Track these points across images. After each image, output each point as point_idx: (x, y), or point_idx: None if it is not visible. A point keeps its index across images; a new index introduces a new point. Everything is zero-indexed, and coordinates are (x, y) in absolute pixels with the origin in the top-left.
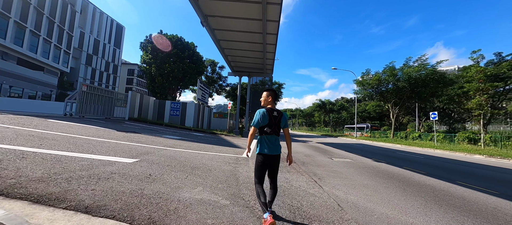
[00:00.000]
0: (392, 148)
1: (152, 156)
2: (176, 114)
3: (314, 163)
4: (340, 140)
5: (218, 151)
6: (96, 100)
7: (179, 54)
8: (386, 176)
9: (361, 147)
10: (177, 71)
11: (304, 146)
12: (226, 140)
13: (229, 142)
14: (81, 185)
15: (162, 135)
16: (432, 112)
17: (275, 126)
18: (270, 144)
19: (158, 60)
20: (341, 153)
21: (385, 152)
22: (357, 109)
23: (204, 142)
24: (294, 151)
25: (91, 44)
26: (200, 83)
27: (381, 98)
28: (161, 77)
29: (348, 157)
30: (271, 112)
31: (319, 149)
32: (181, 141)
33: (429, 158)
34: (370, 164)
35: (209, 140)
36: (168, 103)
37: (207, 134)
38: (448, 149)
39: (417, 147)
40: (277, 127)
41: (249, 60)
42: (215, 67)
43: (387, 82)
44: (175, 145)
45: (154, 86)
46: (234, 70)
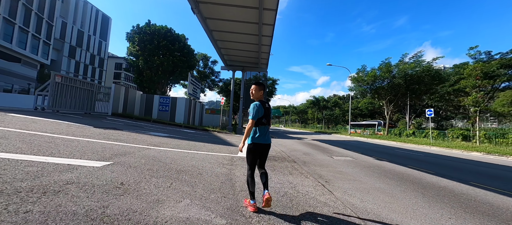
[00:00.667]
0: (389, 145)
1: (130, 158)
2: (165, 109)
3: (316, 162)
4: (334, 137)
5: (210, 149)
6: (74, 93)
7: (169, 47)
8: (396, 177)
9: (357, 144)
10: (166, 64)
11: (300, 143)
12: (219, 137)
13: (223, 139)
14: (11, 205)
15: (148, 132)
16: (428, 109)
17: (268, 117)
18: (264, 134)
19: (146, 53)
20: (340, 151)
21: (383, 150)
22: (347, 106)
23: (194, 139)
24: (292, 149)
25: (75, 35)
26: (191, 77)
27: (376, 95)
28: (150, 71)
29: (348, 155)
30: (264, 104)
31: (317, 147)
32: (168, 138)
33: (429, 156)
34: (373, 163)
35: (201, 138)
36: (157, 98)
37: (198, 131)
38: (443, 146)
39: (413, 144)
40: (269, 118)
41: (243, 54)
42: (207, 62)
43: (383, 79)
44: (161, 144)
45: (142, 80)
46: (228, 64)
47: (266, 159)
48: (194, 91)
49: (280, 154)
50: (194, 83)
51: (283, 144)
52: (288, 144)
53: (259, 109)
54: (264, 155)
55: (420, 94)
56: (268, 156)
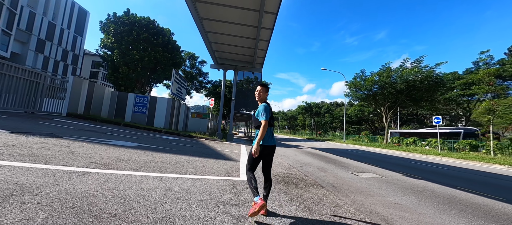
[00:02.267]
0: (395, 155)
1: (18, 208)
2: (141, 111)
3: (345, 184)
4: (330, 145)
5: (198, 169)
6: (9, 85)
7: (151, 40)
8: (472, 209)
9: (361, 153)
10: (147, 60)
11: (302, 153)
12: (208, 146)
13: (213, 149)
14: None
15: (108, 141)
16: (435, 117)
17: (273, 119)
18: (270, 135)
19: (122, 45)
20: (355, 164)
21: (394, 161)
22: (338, 113)
23: (175, 151)
24: (299, 161)
25: (45, 27)
26: (176, 75)
27: (374, 101)
28: (127, 67)
29: (370, 170)
30: (270, 106)
31: (325, 158)
32: (136, 151)
33: (458, 170)
34: (412, 184)
35: (184, 148)
36: (131, 97)
37: (182, 138)
38: (455, 157)
39: (419, 153)
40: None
41: (237, 50)
42: (194, 62)
43: (384, 84)
44: (119, 162)
45: (117, 77)
46: (218, 63)
47: (271, 163)
48: (178, 91)
49: (292, 171)
50: (179, 82)
51: (284, 154)
52: (289, 154)
53: (270, 109)
54: (270, 158)
55: (420, 100)
56: (285, 179)
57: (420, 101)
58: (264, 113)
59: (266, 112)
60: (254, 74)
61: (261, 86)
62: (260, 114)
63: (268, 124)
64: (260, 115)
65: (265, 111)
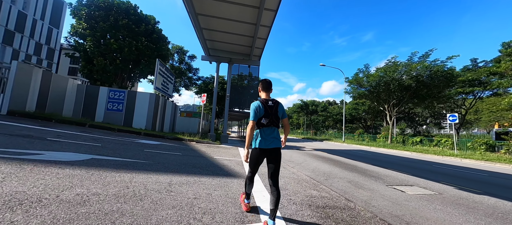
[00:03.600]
0: (411, 157)
1: None
2: (117, 108)
3: (406, 212)
4: (332, 146)
5: (183, 211)
6: None
7: (132, 28)
8: None
9: (374, 156)
10: (127, 50)
11: (312, 157)
12: (199, 152)
13: (206, 157)
14: None
15: (40, 153)
16: (451, 114)
17: (272, 116)
18: (267, 136)
19: (97, 32)
20: (384, 172)
21: (419, 165)
22: (333, 111)
23: (152, 165)
24: (318, 170)
25: (13, 17)
26: (161, 66)
27: (377, 98)
28: (103, 57)
29: (408, 181)
30: (265, 102)
31: (344, 165)
32: (80, 170)
33: (500, 177)
34: (485, 203)
35: (167, 159)
36: (104, 91)
37: (166, 142)
38: (475, 158)
39: (432, 155)
40: (275, 118)
41: (232, 39)
42: (183, 56)
43: (390, 80)
44: (17, 207)
45: (92, 70)
46: (210, 54)
47: (278, 168)
48: (164, 86)
49: (325, 193)
50: (165, 75)
51: (291, 159)
52: (297, 158)
53: (258, 108)
54: (273, 162)
55: (427, 97)
56: (325, 209)
57: (427, 98)
58: (251, 113)
59: (252, 111)
60: (250, 70)
61: (260, 83)
62: None
63: (260, 124)
64: None
65: (251, 110)
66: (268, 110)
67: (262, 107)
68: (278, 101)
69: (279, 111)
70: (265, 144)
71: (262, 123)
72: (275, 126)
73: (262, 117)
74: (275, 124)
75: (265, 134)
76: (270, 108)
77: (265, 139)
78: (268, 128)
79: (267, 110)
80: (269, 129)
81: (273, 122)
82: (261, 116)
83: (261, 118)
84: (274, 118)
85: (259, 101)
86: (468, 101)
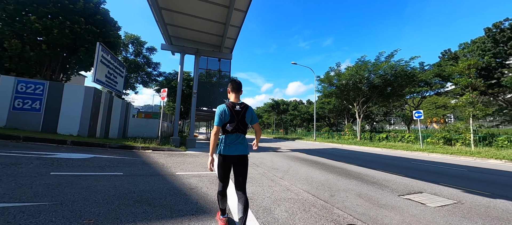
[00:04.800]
0: (390, 155)
1: None
2: (31, 107)
3: None
4: (306, 144)
5: None
6: None
7: (64, 3)
8: None
9: (357, 155)
10: (58, 33)
11: (296, 161)
12: (153, 167)
13: (164, 177)
14: None
15: None
16: (416, 111)
17: (239, 122)
18: (232, 143)
19: (9, 5)
20: (386, 177)
21: (401, 163)
22: (302, 109)
23: (43, 216)
24: (312, 180)
25: None
26: (103, 52)
27: (347, 96)
28: (20, 40)
29: (419, 188)
30: (232, 106)
31: (335, 170)
32: None
33: (477, 172)
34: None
35: (90, 188)
36: (8, 82)
37: (107, 152)
38: (441, 152)
39: (404, 150)
40: (242, 124)
41: (200, 25)
42: (141, 48)
43: (360, 79)
44: None
45: (1, 55)
46: (173, 43)
47: (244, 176)
48: (110, 79)
49: (338, 217)
50: (110, 65)
51: (274, 165)
52: (279, 163)
53: (223, 113)
54: (239, 170)
55: (392, 95)
56: None
57: (392, 96)
58: (215, 117)
59: (216, 116)
60: (220, 64)
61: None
62: None
63: (224, 130)
64: None
65: (216, 114)
66: (234, 115)
67: (228, 112)
68: (247, 105)
69: (247, 117)
70: (229, 151)
71: (226, 129)
72: (241, 133)
73: (227, 122)
74: (241, 130)
75: (229, 140)
76: (237, 113)
77: (229, 145)
78: (233, 134)
79: (233, 115)
80: (235, 135)
81: (239, 128)
82: (226, 121)
83: (226, 123)
84: (240, 124)
85: (225, 105)
86: (416, 99)
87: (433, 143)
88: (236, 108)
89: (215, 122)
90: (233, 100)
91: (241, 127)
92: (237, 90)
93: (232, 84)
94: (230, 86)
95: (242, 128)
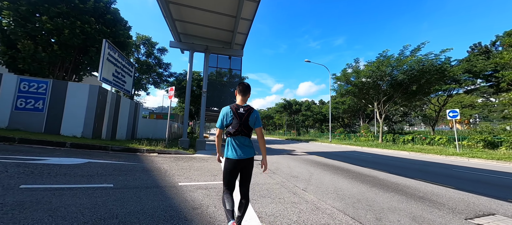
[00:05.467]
0: (419, 159)
1: None
2: (34, 107)
3: None
4: (321, 147)
5: None
6: None
7: (75, 3)
8: None
9: (382, 160)
10: (69, 33)
11: (315, 166)
12: (153, 175)
13: (163, 188)
14: None
15: None
16: (451, 110)
17: (242, 125)
18: (237, 146)
19: (22, 6)
20: (424, 187)
21: (441, 170)
22: (315, 109)
23: None
24: (343, 193)
25: None
26: (110, 50)
27: (366, 95)
28: (32, 40)
29: (477, 205)
30: (236, 108)
31: (365, 179)
32: None
33: None
34: None
35: (59, 209)
36: (10, 80)
37: (106, 157)
38: (488, 157)
39: (437, 155)
40: (245, 127)
41: (209, 19)
42: (152, 49)
43: (381, 76)
44: None
45: (16, 57)
46: (181, 40)
47: (248, 178)
48: (117, 78)
49: None
50: (118, 63)
51: (292, 173)
52: (296, 169)
53: (226, 115)
54: (244, 173)
55: (418, 93)
56: None
57: (417, 94)
58: (218, 119)
59: (219, 118)
60: (231, 62)
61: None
62: None
63: (228, 133)
64: None
65: (219, 117)
66: (237, 118)
67: (231, 114)
68: (251, 108)
69: (250, 120)
70: (235, 154)
71: (229, 131)
72: (245, 136)
73: (229, 125)
74: (245, 133)
75: (235, 144)
76: (240, 116)
77: (235, 149)
78: (237, 137)
79: (235, 117)
80: (239, 138)
81: (241, 131)
82: (229, 123)
83: (229, 125)
84: (243, 127)
85: (229, 107)
86: (441, 98)
87: (469, 146)
88: (239, 110)
89: (217, 124)
90: (239, 102)
91: (245, 129)
92: (244, 93)
93: (240, 86)
94: (237, 87)
95: (245, 131)
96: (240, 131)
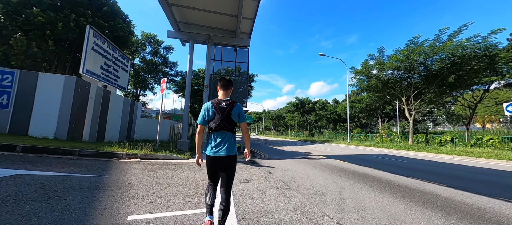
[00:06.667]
0: (473, 166)
1: None
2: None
3: None
4: (340, 149)
5: None
6: None
7: None
8: None
9: (424, 167)
10: (63, 27)
11: (341, 175)
12: (93, 202)
13: None
14: None
15: None
16: (509, 104)
17: (224, 119)
18: (217, 142)
19: None
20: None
21: None
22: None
23: None
24: None
25: None
26: (95, 37)
27: (392, 89)
28: (24, 34)
29: None
30: (217, 103)
31: (435, 201)
32: None
33: None
34: None
35: None
36: None
37: (64, 166)
38: None
39: (491, 159)
40: (227, 121)
41: (211, 3)
42: (158, 47)
43: (412, 65)
44: None
45: (8, 54)
46: (181, 29)
47: (230, 177)
48: (107, 71)
49: None
50: (107, 54)
51: (312, 187)
52: (317, 181)
53: (207, 110)
54: (225, 171)
55: (459, 85)
56: None
57: (458, 87)
58: (199, 115)
59: (200, 114)
60: (236, 54)
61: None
62: None
63: (209, 128)
64: None
65: (200, 112)
66: (219, 112)
67: (212, 109)
68: (234, 102)
69: (233, 114)
70: (212, 151)
71: (210, 126)
72: (227, 131)
73: (211, 120)
74: (227, 128)
75: (214, 140)
76: (222, 110)
77: (215, 145)
78: (218, 133)
79: (217, 112)
80: (220, 133)
81: (223, 125)
82: (211, 119)
83: (210, 121)
84: (225, 121)
85: (210, 102)
86: (476, 93)
87: None
88: (221, 104)
89: (198, 120)
90: (220, 97)
91: (227, 124)
92: (226, 87)
93: (221, 81)
94: (219, 83)
95: (228, 125)
96: (222, 125)
